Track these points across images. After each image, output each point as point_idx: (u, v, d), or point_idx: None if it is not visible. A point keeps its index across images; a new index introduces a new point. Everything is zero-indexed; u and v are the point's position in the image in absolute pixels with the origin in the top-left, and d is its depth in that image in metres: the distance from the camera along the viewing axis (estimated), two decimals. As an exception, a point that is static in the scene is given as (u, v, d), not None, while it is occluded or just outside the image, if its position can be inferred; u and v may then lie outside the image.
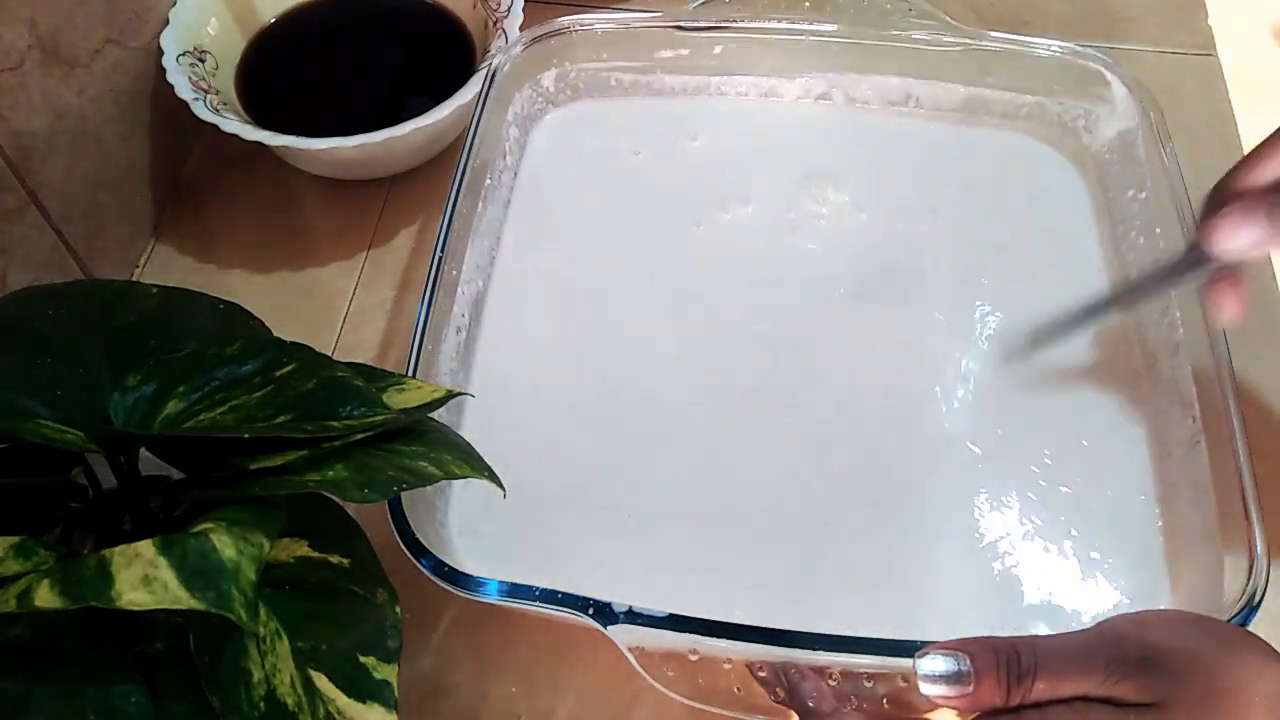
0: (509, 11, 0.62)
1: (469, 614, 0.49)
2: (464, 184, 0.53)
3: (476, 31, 0.65)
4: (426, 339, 0.48)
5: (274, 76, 0.63)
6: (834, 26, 0.61)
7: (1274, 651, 0.33)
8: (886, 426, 0.52)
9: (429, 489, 0.46)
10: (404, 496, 0.43)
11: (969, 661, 0.33)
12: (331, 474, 0.34)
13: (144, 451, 0.38)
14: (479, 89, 0.57)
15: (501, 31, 0.62)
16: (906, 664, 0.39)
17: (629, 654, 0.40)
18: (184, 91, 0.57)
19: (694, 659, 0.40)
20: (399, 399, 0.38)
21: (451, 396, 0.39)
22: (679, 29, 0.61)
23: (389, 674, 0.36)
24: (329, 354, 0.38)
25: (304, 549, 0.37)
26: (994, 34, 0.61)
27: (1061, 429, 0.52)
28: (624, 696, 0.47)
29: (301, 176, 0.64)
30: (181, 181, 0.64)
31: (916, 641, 0.38)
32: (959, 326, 0.55)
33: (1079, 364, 0.54)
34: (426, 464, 0.36)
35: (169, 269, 0.61)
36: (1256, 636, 0.33)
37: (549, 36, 0.60)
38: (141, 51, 0.59)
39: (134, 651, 0.33)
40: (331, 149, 0.56)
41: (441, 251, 0.51)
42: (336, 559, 0.38)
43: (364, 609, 0.37)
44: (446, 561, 0.42)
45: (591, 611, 0.40)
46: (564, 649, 0.48)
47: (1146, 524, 0.49)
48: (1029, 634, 0.34)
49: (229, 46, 0.63)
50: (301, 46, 0.65)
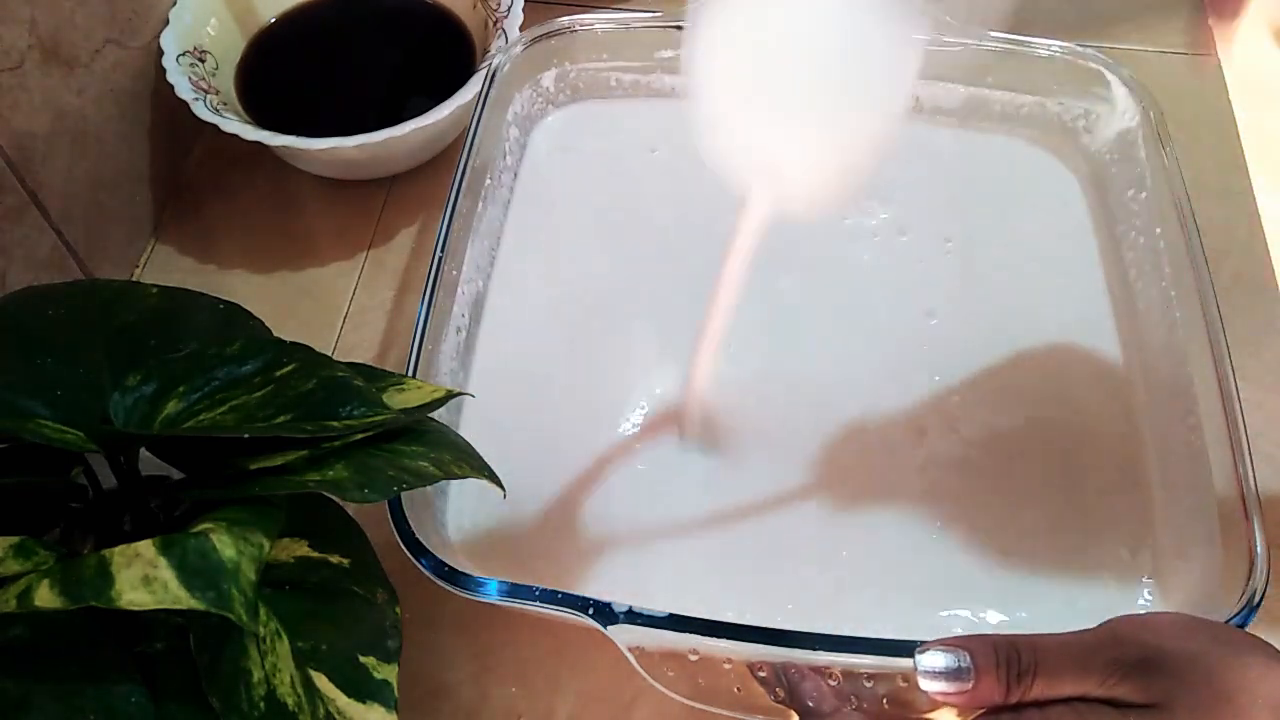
0: (509, 11, 0.62)
1: (469, 614, 0.49)
2: (464, 184, 0.53)
3: (476, 31, 0.65)
4: (426, 339, 0.48)
5: (274, 76, 0.63)
6: (834, 26, 0.61)
7: (1277, 654, 0.33)
8: (886, 426, 0.52)
9: (429, 489, 0.46)
10: (404, 496, 0.43)
11: (969, 658, 0.33)
12: (331, 474, 0.34)
13: (144, 451, 0.38)
14: (479, 89, 0.57)
15: (501, 31, 0.62)
16: (906, 664, 0.39)
17: (629, 654, 0.40)
18: (184, 91, 0.57)
19: (694, 659, 0.40)
20: (399, 399, 0.38)
21: (451, 396, 0.39)
22: (679, 29, 0.61)
23: (389, 674, 0.36)
24: (329, 354, 0.38)
25: (304, 549, 0.37)
26: (994, 34, 0.61)
27: (1061, 429, 0.52)
28: (624, 696, 0.47)
29: (301, 176, 0.64)
30: (181, 181, 0.64)
31: (916, 642, 0.38)
32: (958, 325, 0.55)
33: (1079, 363, 0.54)
34: (426, 464, 0.36)
35: (169, 269, 0.61)
36: (1260, 639, 0.33)
37: (549, 36, 0.60)
38: (141, 51, 0.59)
39: (134, 651, 0.33)
40: (331, 149, 0.56)
41: (441, 251, 0.51)
42: (336, 559, 0.38)
43: (364, 609, 0.37)
44: (446, 561, 0.42)
45: (591, 611, 0.40)
46: (564, 649, 0.48)
47: (1146, 524, 0.49)
48: (1028, 634, 0.34)
49: (229, 46, 0.63)
50: (301, 46, 0.65)
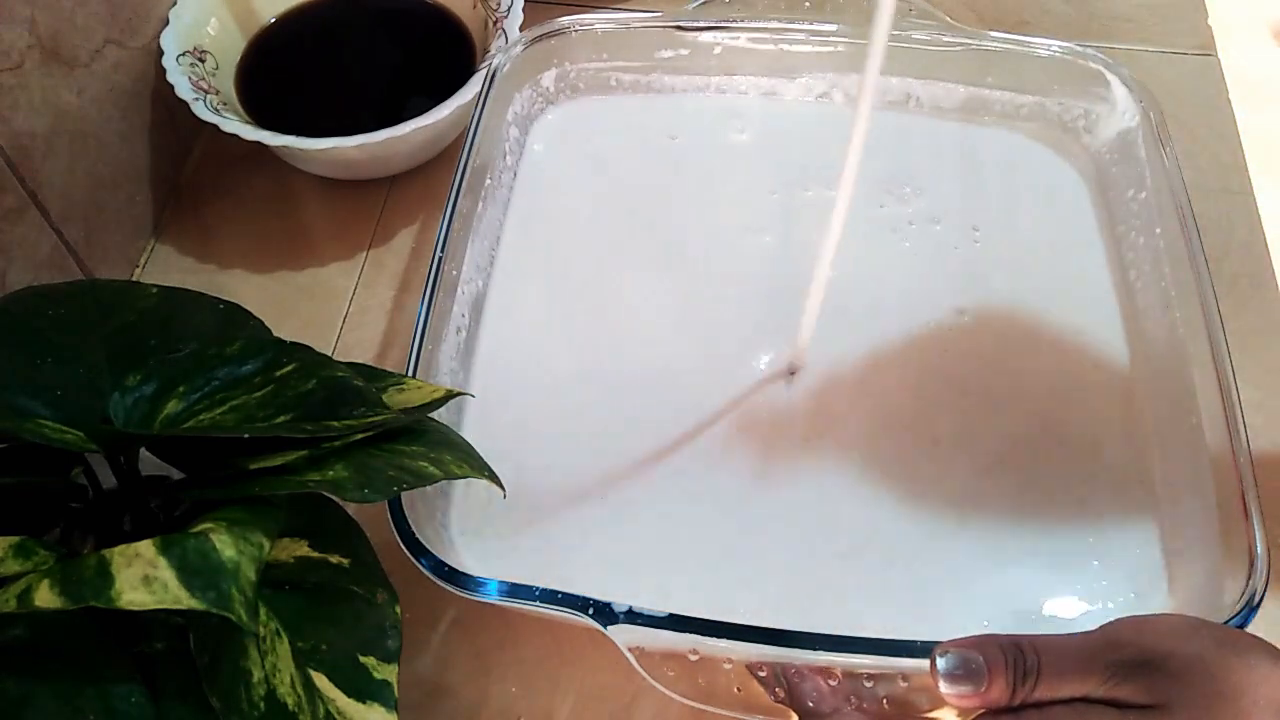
0: (509, 11, 0.62)
1: (469, 614, 0.49)
2: (464, 184, 0.53)
3: (476, 31, 0.65)
4: (426, 339, 0.48)
5: (274, 76, 0.63)
6: (834, 26, 0.61)
7: (1278, 655, 0.32)
8: (886, 426, 0.52)
9: (429, 489, 0.46)
10: (404, 496, 0.43)
11: (982, 659, 0.33)
12: (331, 474, 0.34)
13: (144, 451, 0.38)
14: (479, 89, 0.57)
15: (501, 31, 0.62)
16: (907, 664, 0.39)
17: (629, 654, 0.40)
18: (184, 91, 0.57)
19: (694, 659, 0.40)
20: (399, 399, 0.38)
21: (451, 396, 0.39)
22: (679, 29, 0.61)
23: (389, 674, 0.36)
24: (329, 354, 0.38)
25: (304, 549, 0.37)
26: (994, 34, 0.61)
27: (1061, 428, 0.52)
28: (624, 696, 0.47)
29: (301, 176, 0.64)
30: (181, 181, 0.64)
31: (916, 642, 0.38)
32: (958, 326, 0.55)
33: (1078, 363, 0.54)
34: (426, 464, 0.36)
35: (169, 269, 0.61)
36: (1261, 640, 0.33)
37: (549, 36, 0.60)
38: (141, 51, 0.59)
39: (134, 651, 0.33)
40: (331, 149, 0.56)
41: (441, 251, 0.51)
42: (336, 559, 0.38)
43: (364, 609, 0.37)
44: (446, 561, 0.42)
45: (591, 611, 0.40)
46: (564, 649, 0.48)
47: (1146, 524, 0.49)
48: (1030, 635, 0.34)
49: (229, 46, 0.63)
50: (301, 46, 0.65)
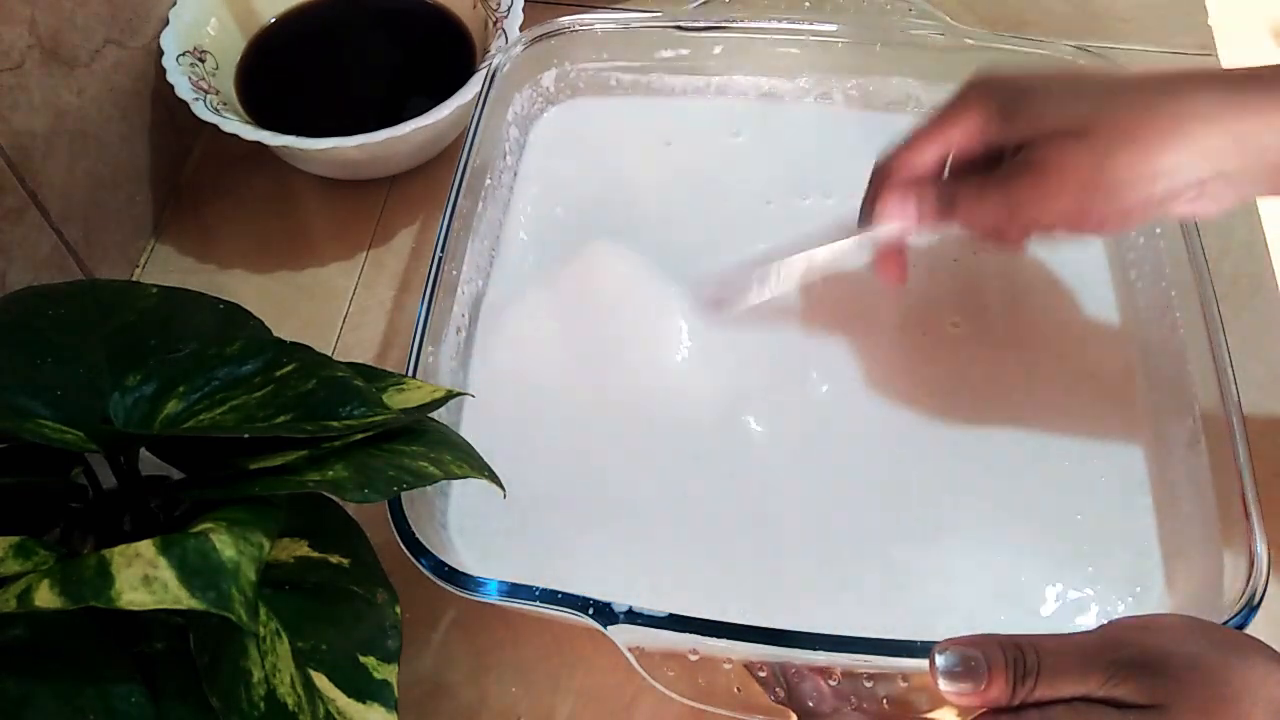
0: (509, 11, 0.62)
1: (469, 614, 0.49)
2: (464, 184, 0.53)
3: (476, 31, 0.65)
4: (426, 339, 0.48)
5: (274, 76, 0.63)
6: (834, 26, 0.61)
7: (1277, 656, 0.33)
8: (887, 426, 0.52)
9: (429, 489, 0.46)
10: (404, 496, 0.43)
11: (982, 658, 0.33)
12: (331, 474, 0.34)
13: (144, 451, 0.38)
14: (479, 89, 0.57)
15: (501, 31, 0.62)
16: (906, 664, 0.39)
17: (629, 654, 0.40)
18: (184, 91, 0.57)
19: (694, 659, 0.40)
20: (399, 399, 0.38)
21: (451, 396, 0.39)
22: (679, 29, 0.61)
23: (389, 674, 0.36)
24: (329, 354, 0.38)
25: (304, 549, 0.37)
26: (994, 34, 0.61)
27: (1061, 429, 0.52)
28: (624, 696, 0.47)
29: (301, 176, 0.64)
30: (181, 181, 0.64)
31: (916, 642, 0.38)
32: (959, 327, 0.55)
33: (1078, 363, 0.54)
34: (426, 464, 0.36)
35: (169, 269, 0.61)
36: (1260, 642, 0.33)
37: (549, 36, 0.60)
38: (141, 51, 0.59)
39: (134, 651, 0.33)
40: (331, 149, 0.56)
41: (441, 251, 0.51)
42: (336, 559, 0.38)
43: (364, 609, 0.37)
44: (446, 561, 0.42)
45: (591, 611, 0.40)
46: (564, 649, 0.48)
47: (1146, 524, 0.49)
48: (1030, 634, 0.34)
49: (229, 46, 0.63)
50: (301, 46, 0.65)
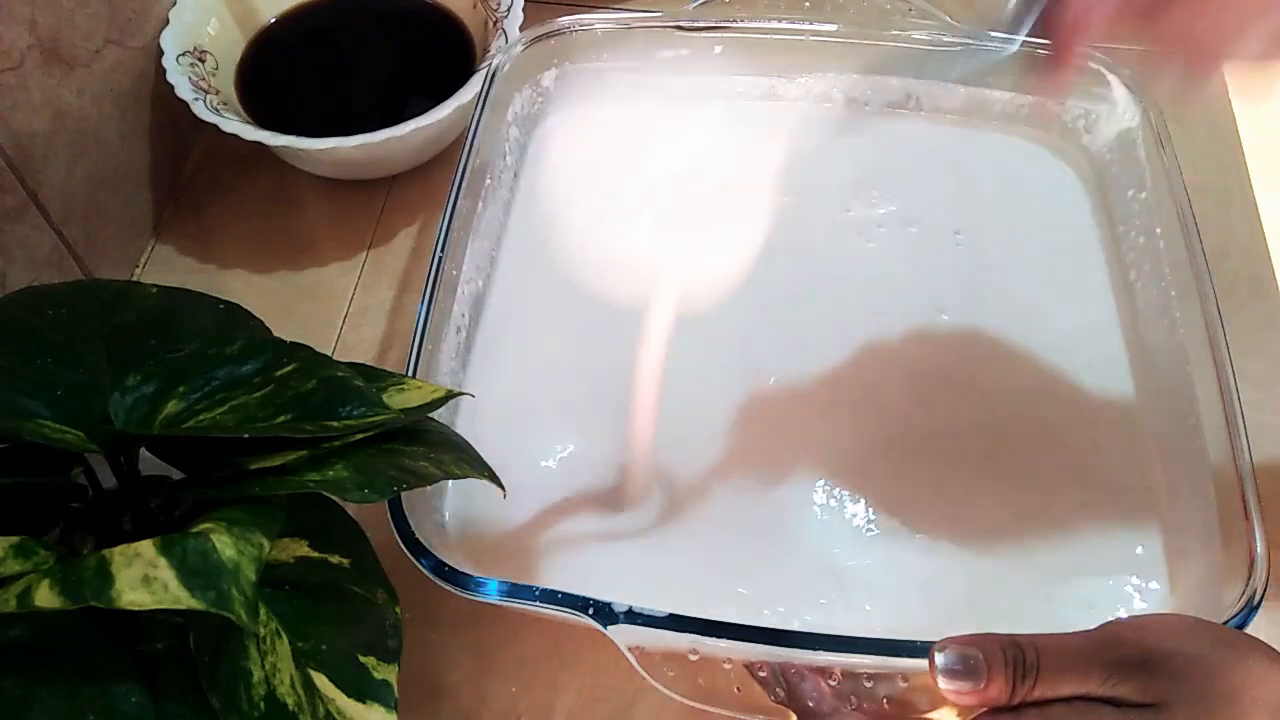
0: (509, 11, 0.62)
1: (469, 614, 0.49)
2: (464, 184, 0.53)
3: (476, 31, 0.65)
4: (426, 339, 0.48)
5: (274, 76, 0.63)
6: (834, 26, 0.61)
7: (1277, 655, 0.33)
8: (887, 426, 0.52)
9: (429, 489, 0.46)
10: (404, 496, 0.43)
11: (981, 657, 0.33)
12: (331, 474, 0.34)
13: (144, 451, 0.38)
14: (479, 89, 0.57)
15: (501, 31, 0.62)
16: (906, 664, 0.39)
17: (629, 654, 0.40)
18: (184, 91, 0.57)
19: (694, 659, 0.40)
20: (399, 399, 0.38)
21: (451, 396, 0.39)
22: (679, 29, 0.61)
23: (389, 674, 0.36)
24: (329, 354, 0.38)
25: (304, 549, 0.37)
26: (994, 34, 0.60)
27: (1062, 429, 0.52)
28: (624, 696, 0.47)
29: (301, 176, 0.64)
30: (181, 181, 0.64)
31: (916, 642, 0.38)
32: (960, 326, 0.55)
33: (1078, 363, 0.54)
34: (426, 464, 0.36)
35: (169, 269, 0.61)
36: (1259, 641, 0.33)
37: (549, 36, 0.60)
38: (141, 51, 0.59)
39: (134, 651, 0.33)
40: (331, 149, 0.56)
41: (441, 251, 0.51)
42: (336, 559, 0.38)
43: (364, 609, 0.37)
44: (446, 561, 0.42)
45: (591, 611, 0.40)
46: (564, 649, 0.48)
47: (1146, 524, 0.49)
48: (1030, 634, 0.34)
49: (229, 46, 0.63)
50: (301, 46, 0.65)
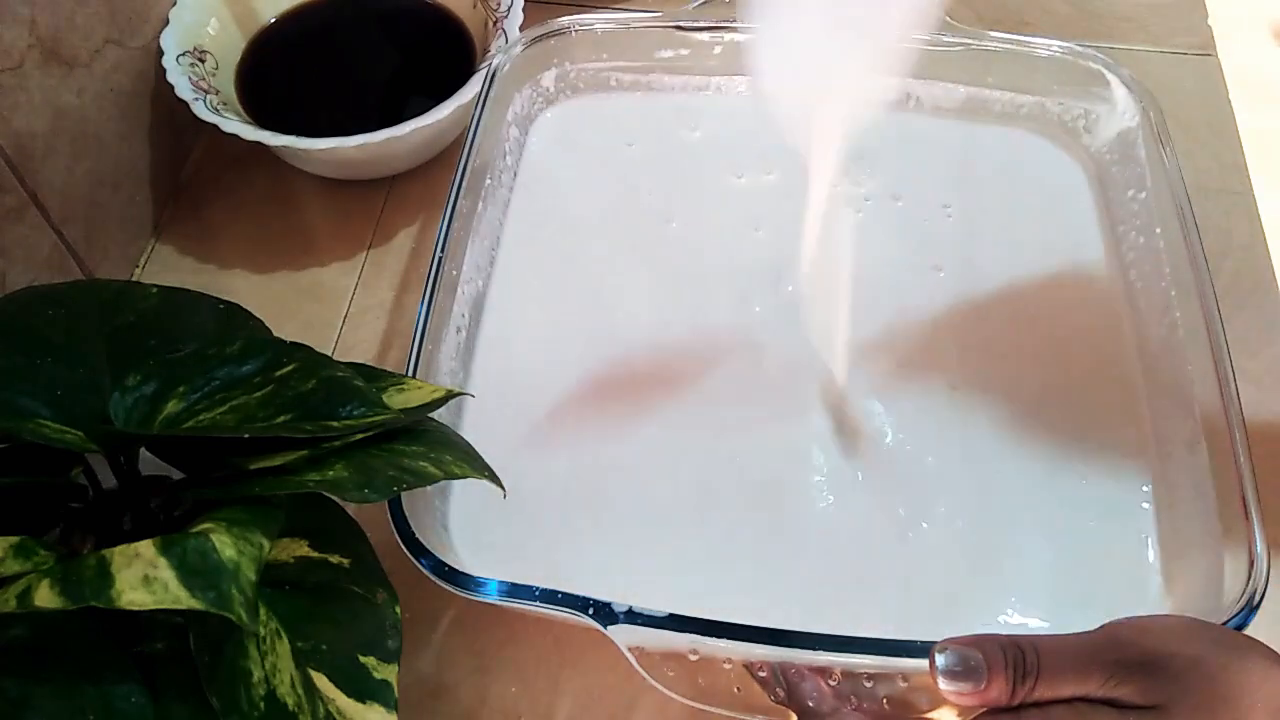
0: (509, 11, 0.62)
1: (469, 614, 0.49)
2: (464, 184, 0.53)
3: (476, 31, 0.65)
4: (426, 339, 0.48)
5: (274, 76, 0.63)
6: (834, 27, 0.61)
7: (1277, 657, 0.33)
8: (887, 426, 0.52)
9: (429, 489, 0.46)
10: (404, 496, 0.42)
11: (981, 658, 0.33)
12: (331, 474, 0.34)
13: (144, 451, 0.38)
14: (479, 89, 0.57)
15: (501, 31, 0.62)
16: (906, 664, 0.39)
17: (629, 654, 0.40)
18: (184, 91, 0.57)
19: (694, 659, 0.40)
20: (399, 399, 0.38)
21: (451, 396, 0.39)
22: (679, 29, 0.61)
23: (389, 674, 0.36)
24: (329, 354, 0.38)
25: (304, 549, 0.37)
26: (994, 34, 0.61)
27: (1061, 429, 0.52)
28: (624, 696, 0.47)
29: (301, 176, 0.64)
30: (181, 181, 0.64)
31: (916, 642, 0.38)
32: (960, 326, 0.55)
33: (1079, 364, 0.54)
34: (426, 464, 0.36)
35: (169, 269, 0.61)
36: (1259, 642, 0.33)
37: (549, 36, 0.60)
38: (141, 51, 0.59)
39: (134, 651, 0.33)
40: (331, 149, 0.56)
41: (441, 251, 0.51)
42: (336, 559, 0.38)
43: (364, 609, 0.37)
44: (446, 561, 0.42)
45: (591, 611, 0.40)
46: (564, 649, 0.48)
47: (1146, 524, 0.49)
48: (1030, 635, 0.34)
49: (229, 46, 0.63)
50: (301, 46, 0.65)
